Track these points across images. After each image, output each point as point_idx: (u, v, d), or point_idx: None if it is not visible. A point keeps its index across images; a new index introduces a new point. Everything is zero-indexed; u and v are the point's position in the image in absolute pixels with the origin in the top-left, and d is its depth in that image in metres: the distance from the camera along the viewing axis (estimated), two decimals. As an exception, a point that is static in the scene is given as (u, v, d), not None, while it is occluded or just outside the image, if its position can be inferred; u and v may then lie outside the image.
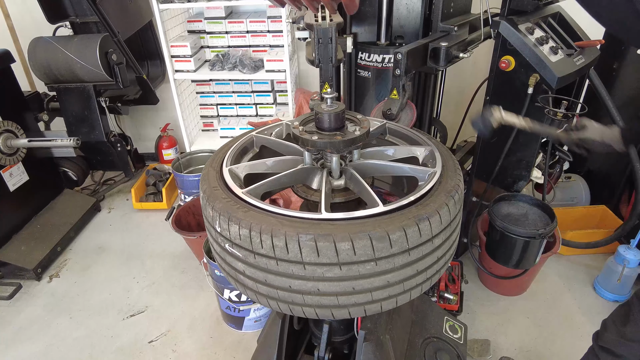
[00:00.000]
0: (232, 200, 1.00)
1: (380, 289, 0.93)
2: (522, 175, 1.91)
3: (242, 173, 1.16)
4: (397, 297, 0.98)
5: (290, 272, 0.90)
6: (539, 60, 1.61)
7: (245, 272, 0.96)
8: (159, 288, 2.50)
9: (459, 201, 1.04)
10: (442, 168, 1.12)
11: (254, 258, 0.92)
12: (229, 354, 2.08)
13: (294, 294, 0.93)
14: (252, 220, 0.91)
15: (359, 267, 0.88)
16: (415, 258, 0.93)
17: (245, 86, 3.12)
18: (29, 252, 2.61)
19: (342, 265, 0.88)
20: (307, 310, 0.96)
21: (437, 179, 1.07)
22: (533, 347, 2.06)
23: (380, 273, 0.90)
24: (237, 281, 1.02)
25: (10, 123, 2.45)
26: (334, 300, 0.93)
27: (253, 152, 1.35)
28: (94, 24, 2.96)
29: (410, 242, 0.89)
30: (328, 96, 1.11)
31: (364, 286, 0.91)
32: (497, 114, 1.27)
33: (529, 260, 1.84)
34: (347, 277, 0.89)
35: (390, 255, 0.89)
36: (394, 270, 0.91)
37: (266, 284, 0.94)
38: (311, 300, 0.93)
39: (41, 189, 2.88)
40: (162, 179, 3.27)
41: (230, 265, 1.00)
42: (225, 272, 1.06)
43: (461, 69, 2.97)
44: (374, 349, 1.45)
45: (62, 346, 2.17)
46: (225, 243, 0.97)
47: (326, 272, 0.88)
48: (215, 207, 0.97)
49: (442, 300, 2.13)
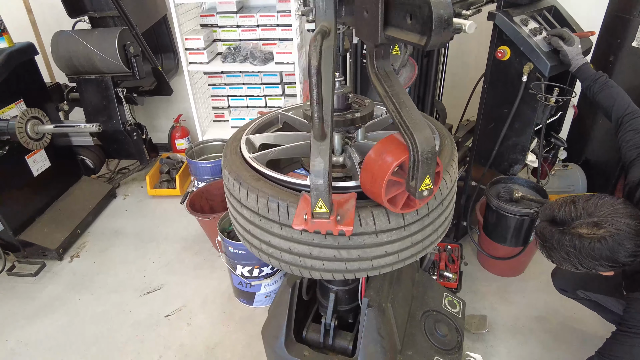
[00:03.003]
0: (240, 159, 1.23)
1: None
2: (518, 159, 2.02)
3: (257, 142, 1.31)
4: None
5: (256, 221, 1.14)
6: (532, 50, 1.73)
7: (234, 207, 1.22)
8: (173, 268, 2.64)
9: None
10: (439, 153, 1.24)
11: (240, 205, 1.17)
12: (240, 327, 2.21)
13: (260, 233, 1.17)
14: (241, 174, 1.15)
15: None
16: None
17: (255, 78, 3.24)
18: (51, 234, 2.76)
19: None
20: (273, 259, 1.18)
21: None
22: (527, 324, 2.17)
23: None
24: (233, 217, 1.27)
25: (36, 110, 2.60)
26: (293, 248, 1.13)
27: (277, 127, 1.51)
28: (111, 19, 3.10)
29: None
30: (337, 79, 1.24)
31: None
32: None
33: (523, 239, 1.95)
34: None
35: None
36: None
37: (241, 222, 1.20)
38: (268, 249, 1.17)
39: (61, 175, 3.04)
40: (175, 167, 3.41)
41: (230, 202, 1.26)
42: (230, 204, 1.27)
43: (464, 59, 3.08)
44: (376, 314, 1.58)
45: (83, 320, 2.32)
46: (227, 187, 1.23)
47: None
48: (226, 160, 1.25)
49: (442, 279, 2.25)
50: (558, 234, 1.30)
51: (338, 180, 1.16)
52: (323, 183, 0.94)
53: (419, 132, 0.92)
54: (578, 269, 1.32)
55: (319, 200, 0.96)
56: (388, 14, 0.91)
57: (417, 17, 0.83)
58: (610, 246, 1.23)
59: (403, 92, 0.99)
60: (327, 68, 0.95)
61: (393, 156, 0.97)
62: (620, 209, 1.26)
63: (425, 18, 0.80)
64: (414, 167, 0.94)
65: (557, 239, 1.30)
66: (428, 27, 0.80)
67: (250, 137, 1.39)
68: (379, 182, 0.98)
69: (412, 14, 0.84)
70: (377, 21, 0.92)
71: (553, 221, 1.34)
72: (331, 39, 0.94)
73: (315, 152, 0.94)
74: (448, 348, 1.84)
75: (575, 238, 1.26)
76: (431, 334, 1.85)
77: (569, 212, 1.30)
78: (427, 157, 0.92)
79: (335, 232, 1.00)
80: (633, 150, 1.49)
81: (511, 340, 2.09)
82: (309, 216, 0.98)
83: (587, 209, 1.28)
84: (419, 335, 1.82)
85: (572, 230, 1.28)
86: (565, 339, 2.08)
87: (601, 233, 1.23)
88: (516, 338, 2.10)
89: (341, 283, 1.64)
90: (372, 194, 1.03)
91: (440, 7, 0.78)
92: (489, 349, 2.05)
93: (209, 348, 2.11)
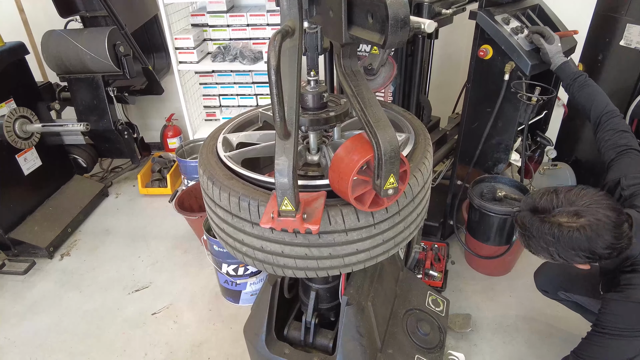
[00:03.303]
0: (215, 158, 1.24)
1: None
2: (502, 158, 2.03)
3: (235, 141, 1.32)
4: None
5: (229, 220, 1.16)
6: (513, 49, 1.73)
7: (209, 206, 1.25)
8: (162, 266, 2.65)
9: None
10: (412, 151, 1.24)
11: (214, 204, 1.18)
12: (227, 325, 2.23)
13: (233, 231, 1.18)
14: (214, 173, 1.19)
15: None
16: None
17: (246, 77, 3.25)
18: (42, 232, 2.78)
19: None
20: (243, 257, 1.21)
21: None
22: (513, 323, 2.18)
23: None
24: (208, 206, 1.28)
25: (25, 109, 2.62)
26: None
27: (257, 126, 1.52)
28: (103, 18, 3.11)
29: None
30: (311, 79, 1.24)
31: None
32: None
33: (506, 238, 1.96)
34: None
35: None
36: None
37: (216, 221, 1.23)
38: (242, 247, 1.19)
39: (53, 174, 3.05)
40: (167, 166, 3.43)
41: (205, 201, 1.28)
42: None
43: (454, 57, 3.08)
44: (355, 312, 1.59)
45: (72, 318, 2.34)
46: (202, 186, 1.25)
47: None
48: (201, 158, 1.28)
49: (427, 277, 2.26)
50: (538, 222, 1.30)
51: (311, 179, 1.17)
52: (287, 181, 0.95)
53: (382, 131, 0.93)
54: (555, 259, 1.31)
55: (285, 198, 0.97)
56: (352, 14, 0.92)
57: (377, 16, 0.83)
58: (589, 236, 1.22)
59: (368, 92, 1.00)
60: (291, 67, 0.95)
61: (359, 155, 0.98)
62: (601, 200, 1.25)
63: (383, 18, 0.80)
64: (378, 166, 0.95)
65: (537, 227, 1.30)
66: (385, 27, 0.80)
67: (228, 135, 1.40)
68: (345, 180, 0.99)
69: (373, 13, 0.85)
70: (341, 21, 0.92)
71: (534, 210, 1.33)
72: (295, 39, 0.95)
73: (279, 151, 0.94)
74: (430, 347, 1.84)
75: (555, 226, 1.26)
76: (413, 332, 1.85)
77: (551, 201, 1.30)
78: (390, 157, 0.92)
79: (302, 231, 1.00)
80: (611, 150, 1.49)
81: (495, 339, 2.10)
82: (275, 214, 0.99)
83: (568, 198, 1.27)
84: (400, 333, 1.82)
85: (552, 218, 1.27)
86: (550, 338, 2.09)
87: (580, 222, 1.23)
88: (501, 337, 2.11)
89: (322, 281, 1.65)
90: (339, 192, 1.04)
91: (396, 7, 0.79)
92: (472, 348, 2.05)
93: (195, 346, 2.13)
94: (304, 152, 1.30)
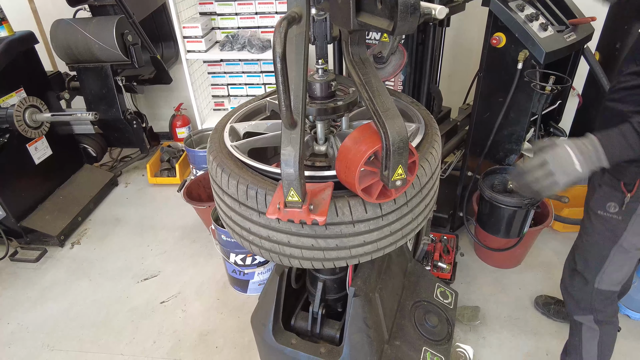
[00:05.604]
0: (222, 146, 1.23)
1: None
2: (513, 149, 1.99)
3: (242, 130, 1.31)
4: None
5: (234, 207, 1.15)
6: (527, 36, 1.68)
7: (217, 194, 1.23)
8: (171, 256, 2.67)
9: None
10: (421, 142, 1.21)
11: (222, 191, 1.17)
12: (234, 314, 2.24)
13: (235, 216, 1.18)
14: (223, 161, 1.17)
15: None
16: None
17: (254, 66, 3.23)
18: (53, 221, 2.81)
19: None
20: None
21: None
22: (522, 316, 2.15)
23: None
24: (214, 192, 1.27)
25: (34, 99, 2.63)
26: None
27: (264, 115, 1.51)
28: (111, 7, 3.10)
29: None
30: (319, 67, 1.22)
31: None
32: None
33: (517, 230, 1.92)
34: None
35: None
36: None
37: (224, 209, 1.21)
38: (248, 236, 1.17)
39: (63, 163, 3.08)
40: (175, 156, 3.43)
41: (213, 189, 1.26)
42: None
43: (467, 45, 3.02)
44: (362, 304, 1.58)
45: (82, 305, 2.37)
46: (210, 166, 1.23)
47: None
48: (211, 147, 1.25)
49: (436, 269, 2.24)
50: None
51: (319, 170, 1.15)
52: (294, 172, 0.93)
53: (390, 121, 0.91)
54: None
55: (291, 189, 0.95)
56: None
57: (386, 1, 0.80)
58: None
59: (377, 80, 0.97)
60: (297, 55, 0.93)
61: (367, 145, 0.96)
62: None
63: (392, 3, 0.78)
64: (386, 157, 0.93)
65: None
66: (394, 13, 0.78)
67: (235, 125, 1.39)
68: (352, 171, 0.97)
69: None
70: (349, 6, 0.90)
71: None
72: (302, 26, 0.92)
73: (285, 140, 0.93)
74: (438, 339, 1.83)
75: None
76: (421, 324, 1.84)
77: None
78: (399, 147, 0.90)
79: (309, 222, 0.99)
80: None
81: (504, 331, 2.08)
82: (281, 205, 0.97)
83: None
84: (408, 325, 1.81)
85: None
86: (559, 332, 2.06)
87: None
88: (509, 330, 2.09)
89: (329, 272, 1.64)
90: (347, 184, 1.02)
91: (406, -9, 0.76)
92: (480, 341, 2.04)
93: (202, 334, 2.14)
94: (311, 142, 1.28)
